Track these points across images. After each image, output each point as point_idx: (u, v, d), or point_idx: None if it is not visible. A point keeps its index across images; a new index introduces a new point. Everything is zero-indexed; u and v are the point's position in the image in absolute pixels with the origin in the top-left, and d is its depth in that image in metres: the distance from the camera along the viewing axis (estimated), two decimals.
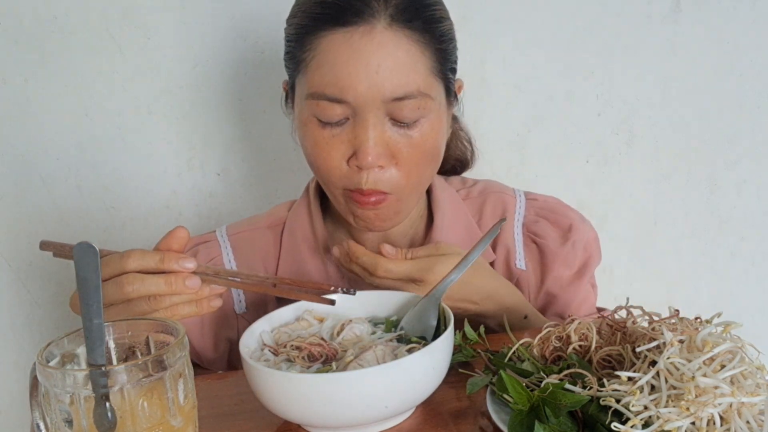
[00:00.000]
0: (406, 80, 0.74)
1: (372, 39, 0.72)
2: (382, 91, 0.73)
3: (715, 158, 1.36)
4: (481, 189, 0.96)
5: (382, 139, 0.75)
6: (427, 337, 0.67)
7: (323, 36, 0.73)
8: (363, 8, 0.72)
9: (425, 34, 0.75)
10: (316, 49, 0.74)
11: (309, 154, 0.79)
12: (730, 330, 0.56)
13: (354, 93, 0.73)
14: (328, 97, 0.73)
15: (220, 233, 0.93)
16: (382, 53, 0.72)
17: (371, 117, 0.74)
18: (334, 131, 0.76)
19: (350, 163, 0.76)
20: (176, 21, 1.09)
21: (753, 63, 1.31)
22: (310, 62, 0.74)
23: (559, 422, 0.54)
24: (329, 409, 0.57)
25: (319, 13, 0.74)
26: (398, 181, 0.78)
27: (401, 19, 0.73)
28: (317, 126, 0.76)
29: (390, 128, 0.75)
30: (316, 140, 0.76)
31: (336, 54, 0.72)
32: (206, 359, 0.90)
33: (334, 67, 0.73)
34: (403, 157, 0.76)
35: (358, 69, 0.72)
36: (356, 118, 0.75)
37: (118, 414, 0.48)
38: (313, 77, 0.74)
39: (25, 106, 1.08)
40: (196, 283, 0.64)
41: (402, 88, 0.73)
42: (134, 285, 0.63)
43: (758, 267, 1.44)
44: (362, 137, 0.74)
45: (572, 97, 1.26)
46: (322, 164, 0.78)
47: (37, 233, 1.12)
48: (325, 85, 0.73)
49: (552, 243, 0.91)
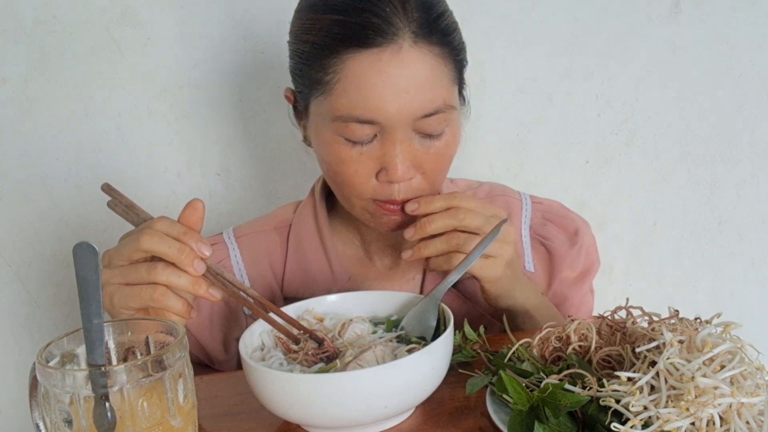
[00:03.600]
0: (433, 96, 0.74)
1: (400, 60, 0.71)
2: (411, 110, 0.73)
3: (715, 158, 1.36)
4: (486, 191, 0.96)
5: (410, 153, 0.75)
6: (427, 338, 0.67)
7: (348, 58, 0.71)
8: (386, 27, 0.71)
9: (444, 47, 0.74)
10: (341, 72, 0.72)
11: (334, 171, 0.78)
12: (729, 330, 0.56)
13: (385, 115, 0.72)
14: (358, 120, 0.73)
15: (227, 235, 0.93)
16: (410, 73, 0.72)
17: (399, 134, 0.74)
18: (361, 149, 0.75)
19: (379, 177, 0.76)
20: (176, 21, 1.09)
21: (753, 63, 1.31)
22: (335, 85, 0.73)
23: (558, 422, 0.54)
24: (329, 409, 0.57)
25: (340, 33, 0.72)
26: (424, 188, 0.78)
27: (423, 35, 0.72)
28: (343, 145, 0.75)
29: (417, 141, 0.76)
30: (341, 159, 0.75)
31: (364, 77, 0.71)
32: (217, 360, 0.90)
33: (362, 90, 0.71)
34: (429, 166, 0.77)
35: (388, 92, 0.71)
36: (384, 135, 0.74)
37: (117, 414, 0.48)
38: (339, 101, 0.73)
39: (25, 106, 1.08)
40: (201, 267, 0.64)
41: (431, 105, 0.74)
42: (152, 238, 0.63)
43: (758, 267, 1.44)
44: (391, 153, 0.74)
45: (572, 97, 1.26)
46: (348, 180, 0.77)
47: (37, 233, 1.12)
48: (354, 108, 0.72)
49: (560, 246, 0.92)
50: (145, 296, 0.64)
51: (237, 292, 0.67)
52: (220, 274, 0.67)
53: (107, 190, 0.68)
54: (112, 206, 0.68)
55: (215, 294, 0.65)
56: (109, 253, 0.66)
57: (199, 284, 0.64)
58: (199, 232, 0.66)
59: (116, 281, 0.65)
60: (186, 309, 0.65)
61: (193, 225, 0.66)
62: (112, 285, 0.65)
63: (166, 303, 0.64)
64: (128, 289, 0.64)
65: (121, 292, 0.65)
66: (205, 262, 0.64)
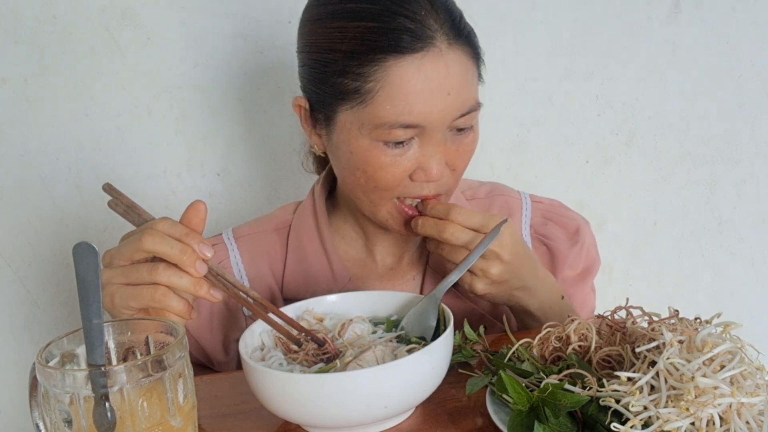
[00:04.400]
0: (468, 96, 0.75)
1: (442, 63, 0.72)
2: (452, 111, 0.74)
3: (715, 158, 1.36)
4: (487, 191, 0.96)
5: (445, 152, 0.76)
6: (427, 338, 0.67)
7: (390, 65, 0.71)
8: (422, 30, 0.71)
9: (470, 47, 0.76)
10: (383, 79, 0.72)
11: (368, 177, 0.77)
12: (729, 330, 0.56)
13: (429, 118, 0.73)
14: (403, 125, 0.73)
15: (227, 236, 0.93)
16: (451, 75, 0.73)
17: (438, 135, 0.75)
18: (400, 151, 0.75)
19: (414, 176, 0.77)
20: (176, 21, 1.09)
21: (753, 63, 1.31)
22: (377, 93, 0.72)
23: (558, 422, 0.54)
24: (329, 409, 0.57)
25: (378, 40, 0.71)
26: (451, 183, 0.80)
27: (454, 36, 0.73)
28: (382, 150, 0.75)
29: (450, 140, 0.77)
30: (381, 164, 0.75)
31: (409, 83, 0.71)
32: (217, 362, 0.90)
33: (408, 96, 0.72)
34: (458, 163, 0.79)
35: (433, 95, 0.72)
36: (423, 137, 0.75)
37: (117, 414, 0.48)
38: (384, 108, 0.72)
39: (25, 106, 1.08)
40: (203, 269, 0.64)
41: (467, 104, 0.75)
42: (153, 238, 0.63)
43: (758, 267, 1.44)
44: (430, 154, 0.75)
45: (572, 97, 1.26)
46: (384, 183, 0.77)
47: (37, 233, 1.12)
48: (399, 114, 0.72)
49: (561, 245, 0.92)
50: (146, 296, 0.64)
51: (238, 294, 0.67)
52: (221, 275, 0.67)
53: (108, 190, 0.68)
54: (112, 206, 0.68)
55: (216, 295, 0.65)
56: (110, 253, 0.66)
57: (200, 285, 0.64)
58: (200, 233, 0.66)
59: (117, 281, 0.65)
60: (187, 309, 0.65)
61: (195, 226, 0.66)
62: (113, 285, 0.65)
63: (167, 303, 0.64)
64: (129, 289, 0.64)
65: (122, 292, 0.65)
66: (207, 264, 0.64)
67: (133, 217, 0.67)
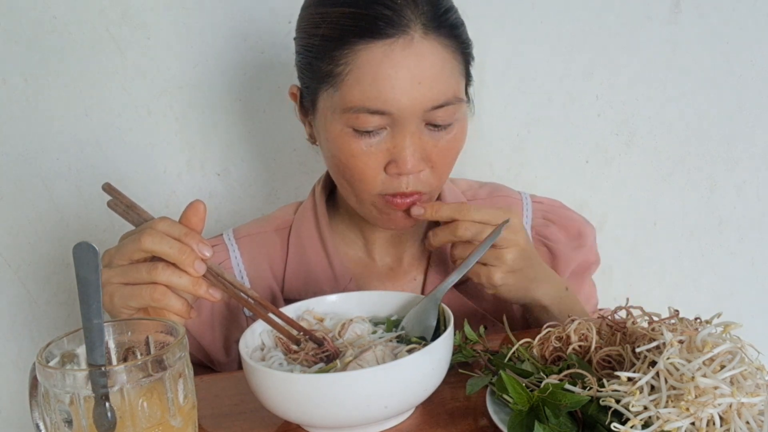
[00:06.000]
0: (444, 88, 0.75)
1: (412, 50, 0.72)
2: (423, 101, 0.73)
3: (715, 158, 1.36)
4: (487, 191, 0.96)
5: (419, 145, 0.76)
6: (427, 338, 0.67)
7: (360, 49, 0.72)
8: (397, 18, 0.72)
9: (453, 40, 0.76)
10: (353, 63, 0.72)
11: (343, 165, 0.78)
12: (729, 330, 0.56)
13: (397, 105, 0.73)
14: (369, 110, 0.73)
15: (227, 236, 0.93)
16: (422, 64, 0.73)
17: (410, 126, 0.74)
18: (371, 141, 0.75)
19: (388, 170, 0.77)
20: (176, 21, 1.09)
21: (753, 63, 1.31)
22: (347, 76, 0.73)
23: (558, 422, 0.54)
24: (329, 409, 0.57)
25: (352, 25, 0.72)
26: (432, 181, 0.79)
27: (433, 27, 0.73)
28: (353, 137, 0.75)
29: (426, 133, 0.76)
30: (352, 152, 0.76)
31: (377, 68, 0.72)
32: (218, 362, 0.90)
33: (375, 81, 0.72)
34: (437, 159, 0.78)
35: (401, 82, 0.72)
36: (395, 127, 0.75)
37: (117, 414, 0.48)
38: (352, 91, 0.73)
39: (25, 106, 1.08)
40: (202, 268, 0.64)
41: (442, 96, 0.74)
42: (153, 238, 0.63)
43: (758, 267, 1.44)
44: (401, 145, 0.75)
45: (572, 97, 1.26)
46: (358, 174, 0.77)
47: (37, 233, 1.12)
48: (366, 99, 0.73)
49: (563, 246, 0.93)
50: (145, 296, 0.64)
51: (237, 293, 0.67)
52: (221, 275, 0.67)
53: (108, 190, 0.68)
54: (112, 206, 0.68)
55: (215, 294, 0.65)
56: (110, 253, 0.66)
57: (199, 285, 0.64)
58: (200, 233, 0.66)
59: (116, 281, 0.65)
60: (186, 309, 0.65)
61: (194, 226, 0.66)
62: (112, 284, 0.65)
63: (167, 303, 0.64)
64: (128, 288, 0.64)
65: (121, 292, 0.65)
66: (206, 263, 0.64)
67: (132, 217, 0.67)
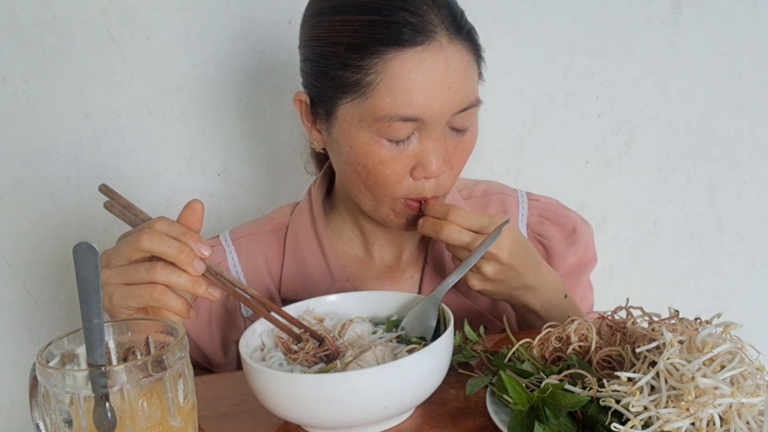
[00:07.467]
0: (468, 91, 0.75)
1: (443, 56, 0.73)
2: (452, 105, 0.74)
3: (715, 159, 1.36)
4: (483, 190, 0.96)
5: (444, 148, 0.77)
6: (427, 338, 0.67)
7: (391, 58, 0.72)
8: (423, 24, 0.72)
9: (471, 43, 0.76)
10: (384, 72, 0.72)
11: (368, 172, 0.77)
12: (729, 330, 0.56)
13: (430, 111, 0.73)
14: (402, 117, 0.73)
15: (224, 237, 0.93)
16: (451, 69, 0.73)
17: (438, 130, 0.75)
18: (400, 147, 0.75)
19: (414, 174, 0.77)
20: (176, 21, 1.09)
21: (753, 63, 1.31)
22: (378, 85, 0.72)
23: (559, 423, 0.54)
24: (329, 409, 0.57)
25: (379, 33, 0.72)
26: (448, 183, 0.80)
27: (455, 31, 0.74)
28: (383, 145, 0.75)
29: (449, 136, 0.77)
30: (381, 159, 0.76)
31: (409, 75, 0.72)
32: (216, 364, 0.90)
33: (409, 89, 0.72)
34: (455, 160, 0.79)
35: (433, 88, 0.72)
36: (422, 131, 0.75)
37: (117, 414, 0.48)
38: (384, 100, 0.73)
39: (25, 106, 1.08)
40: (201, 267, 0.64)
41: (467, 99, 0.75)
42: (151, 237, 0.63)
43: (758, 268, 1.44)
44: (428, 149, 0.75)
45: (572, 98, 1.26)
46: (383, 180, 0.77)
47: (37, 233, 1.12)
48: (399, 107, 0.73)
49: (558, 244, 0.92)
50: (144, 295, 0.64)
51: (236, 291, 0.67)
52: (220, 274, 0.67)
53: (105, 191, 0.68)
54: (109, 207, 0.68)
55: (214, 293, 0.65)
56: (108, 253, 0.66)
57: (198, 284, 0.64)
58: (198, 232, 0.66)
59: (115, 281, 0.65)
60: (185, 308, 0.65)
61: (192, 225, 0.66)
62: (111, 285, 0.65)
63: (166, 302, 0.64)
64: (127, 288, 0.64)
65: (120, 292, 0.65)
66: (205, 262, 0.64)
67: (130, 217, 0.67)
